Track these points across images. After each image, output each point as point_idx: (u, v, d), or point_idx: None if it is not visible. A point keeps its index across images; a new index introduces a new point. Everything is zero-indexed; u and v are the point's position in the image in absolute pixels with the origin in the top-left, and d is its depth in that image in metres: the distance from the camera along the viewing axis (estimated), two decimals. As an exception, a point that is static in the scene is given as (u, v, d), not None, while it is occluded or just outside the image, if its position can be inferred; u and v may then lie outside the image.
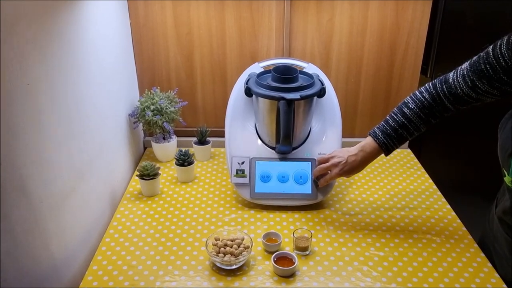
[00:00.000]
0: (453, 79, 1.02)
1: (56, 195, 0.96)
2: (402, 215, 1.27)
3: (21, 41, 0.81)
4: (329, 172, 1.20)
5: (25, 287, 0.86)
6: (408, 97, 1.11)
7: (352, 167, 1.15)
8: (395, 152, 1.66)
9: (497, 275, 1.04)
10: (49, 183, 0.93)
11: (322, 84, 1.28)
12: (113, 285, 1.00)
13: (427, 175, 1.50)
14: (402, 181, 1.45)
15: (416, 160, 1.61)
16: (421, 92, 1.09)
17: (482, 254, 1.11)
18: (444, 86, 1.04)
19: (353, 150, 1.17)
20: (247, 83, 1.29)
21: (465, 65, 1.01)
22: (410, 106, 1.09)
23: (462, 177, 1.88)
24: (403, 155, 1.64)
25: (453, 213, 1.28)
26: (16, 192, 0.82)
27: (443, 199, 1.36)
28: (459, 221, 1.25)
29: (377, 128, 1.14)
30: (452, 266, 1.07)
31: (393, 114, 1.12)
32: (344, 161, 1.16)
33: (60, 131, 0.97)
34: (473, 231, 1.22)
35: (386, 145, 1.12)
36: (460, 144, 1.80)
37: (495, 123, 1.09)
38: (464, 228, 1.22)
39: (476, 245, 1.15)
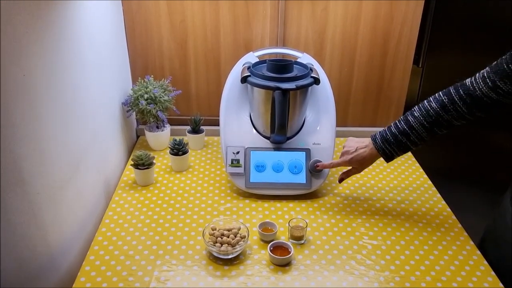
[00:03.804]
0: (471, 82, 1.01)
1: (52, 186, 0.96)
2: (394, 204, 1.30)
3: (17, 31, 0.80)
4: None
5: (23, 277, 0.87)
6: (415, 106, 1.10)
7: (362, 157, 1.15)
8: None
9: (485, 262, 1.08)
10: (45, 174, 0.92)
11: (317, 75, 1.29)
12: (111, 275, 1.01)
13: (417, 164, 1.52)
14: (393, 170, 1.48)
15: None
16: (428, 101, 1.07)
17: (472, 243, 1.14)
18: (460, 90, 1.03)
19: (363, 141, 1.17)
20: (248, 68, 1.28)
21: (485, 69, 1.01)
22: (415, 114, 1.08)
23: (450, 164, 1.91)
24: (395, 144, 1.66)
25: (444, 202, 1.31)
26: (13, 184, 0.81)
27: (433, 188, 1.38)
28: (449, 209, 1.28)
29: (378, 132, 1.14)
30: (443, 254, 1.10)
31: (396, 121, 1.12)
32: (353, 150, 1.17)
33: (56, 121, 0.97)
34: (462, 216, 1.26)
35: (383, 151, 1.12)
36: (446, 136, 1.83)
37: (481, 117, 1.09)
38: (454, 217, 1.25)
39: (466, 233, 1.18)
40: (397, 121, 1.12)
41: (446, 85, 1.07)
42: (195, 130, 1.56)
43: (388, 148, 1.12)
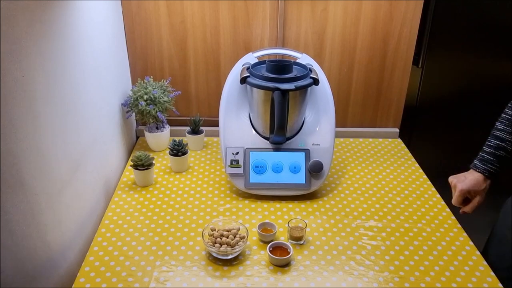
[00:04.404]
0: None
1: (52, 187, 0.96)
2: (393, 205, 1.30)
3: (17, 31, 0.80)
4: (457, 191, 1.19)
5: (22, 277, 0.87)
6: (496, 122, 1.15)
7: (475, 179, 1.15)
8: (386, 142, 1.68)
9: (484, 262, 1.08)
10: (45, 175, 0.93)
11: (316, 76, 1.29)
12: (110, 276, 1.01)
13: (417, 165, 1.52)
14: (393, 171, 1.48)
15: (406, 149, 1.63)
16: (504, 113, 1.14)
17: (471, 243, 1.14)
18: None
19: (465, 173, 1.18)
20: (247, 69, 1.28)
21: None
22: (499, 127, 1.13)
23: (450, 164, 1.91)
24: (394, 144, 1.66)
25: (443, 202, 1.31)
26: (13, 185, 0.81)
27: (433, 189, 1.38)
28: (448, 210, 1.28)
29: (474, 160, 1.17)
30: (443, 254, 1.10)
31: (486, 144, 1.16)
32: (464, 179, 1.17)
33: (56, 122, 0.97)
34: (462, 216, 1.25)
35: (488, 171, 1.14)
36: (446, 136, 1.84)
37: (481, 117, 1.11)
38: (453, 217, 1.25)
39: (465, 233, 1.18)
40: (486, 143, 1.16)
41: (446, 85, 1.08)
42: (195, 131, 1.56)
43: (491, 167, 1.14)
